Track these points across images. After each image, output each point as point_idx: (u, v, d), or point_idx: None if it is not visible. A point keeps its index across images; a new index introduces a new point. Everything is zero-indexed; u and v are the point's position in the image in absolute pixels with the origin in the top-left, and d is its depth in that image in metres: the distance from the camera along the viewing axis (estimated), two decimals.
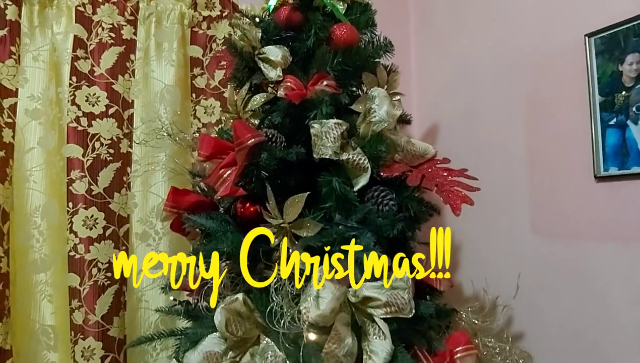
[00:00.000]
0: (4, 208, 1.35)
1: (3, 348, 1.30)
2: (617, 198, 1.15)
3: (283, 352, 0.81)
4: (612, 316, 1.13)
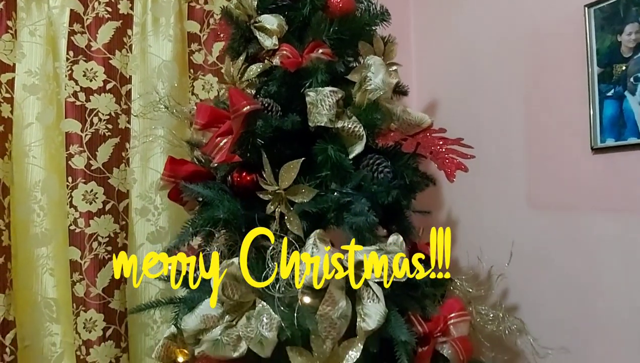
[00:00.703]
0: (4, 183, 1.37)
1: (6, 319, 1.33)
2: (613, 170, 1.16)
3: (278, 314, 0.83)
4: (605, 285, 1.14)
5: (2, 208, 1.35)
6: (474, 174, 1.50)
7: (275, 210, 0.92)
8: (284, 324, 0.83)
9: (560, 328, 1.21)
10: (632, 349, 1.07)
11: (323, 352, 0.83)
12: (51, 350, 1.46)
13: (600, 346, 1.14)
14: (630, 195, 1.12)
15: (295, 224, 0.90)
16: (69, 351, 1.46)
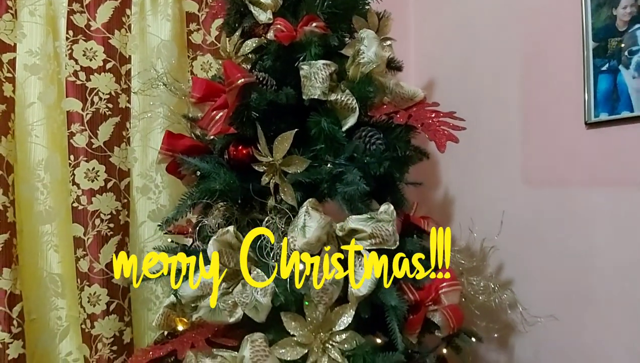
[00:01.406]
0: (7, 161, 1.39)
1: (13, 292, 1.37)
2: (606, 144, 1.16)
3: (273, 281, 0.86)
4: (597, 258, 1.16)
5: (7, 186, 1.38)
6: (470, 150, 1.53)
7: (270, 181, 0.94)
8: (278, 290, 0.86)
9: (553, 300, 1.23)
10: (623, 320, 1.09)
11: (316, 317, 0.86)
12: (57, 324, 1.51)
13: (591, 317, 1.17)
14: (623, 169, 1.13)
15: (289, 194, 0.92)
16: (75, 324, 1.51)
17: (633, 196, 1.10)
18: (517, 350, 1.41)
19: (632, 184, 1.10)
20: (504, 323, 1.21)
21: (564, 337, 1.25)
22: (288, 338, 0.87)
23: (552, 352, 1.29)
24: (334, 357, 0.86)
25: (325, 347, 0.87)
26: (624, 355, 1.09)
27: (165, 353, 0.91)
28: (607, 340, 1.14)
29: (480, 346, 1.49)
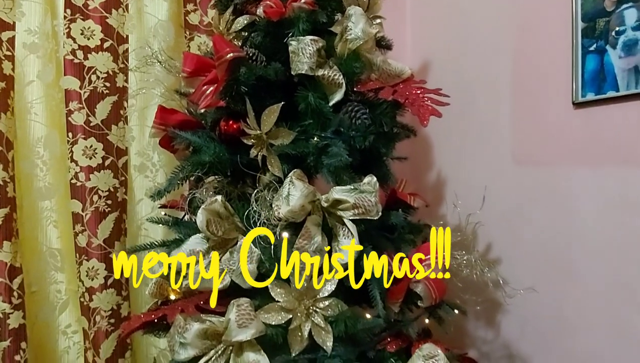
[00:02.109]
0: (7, 137, 1.43)
1: (13, 265, 1.41)
2: (593, 124, 1.18)
3: (258, 248, 0.89)
4: (581, 237, 1.19)
5: (7, 162, 1.42)
6: (463, 131, 1.55)
7: (258, 153, 0.97)
8: (264, 257, 0.89)
9: (537, 275, 1.27)
10: (603, 294, 1.12)
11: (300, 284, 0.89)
12: (57, 297, 1.55)
13: (573, 291, 1.20)
14: (607, 148, 1.15)
15: (276, 166, 0.95)
16: (74, 298, 1.55)
17: (616, 174, 1.12)
18: (503, 327, 1.45)
19: (616, 163, 1.12)
20: (487, 297, 1.25)
21: (547, 311, 1.28)
22: (273, 303, 0.90)
23: (536, 328, 1.33)
24: (317, 322, 0.90)
25: (309, 313, 0.90)
26: (604, 326, 1.12)
27: (156, 317, 0.95)
28: (588, 312, 1.17)
29: (468, 323, 1.53)
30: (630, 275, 1.07)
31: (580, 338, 1.19)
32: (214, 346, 0.89)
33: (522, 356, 1.38)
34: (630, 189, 1.10)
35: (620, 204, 1.12)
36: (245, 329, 0.85)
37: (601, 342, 1.13)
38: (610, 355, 1.11)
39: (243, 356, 0.86)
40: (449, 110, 1.59)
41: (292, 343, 0.89)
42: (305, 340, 0.89)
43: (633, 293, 1.08)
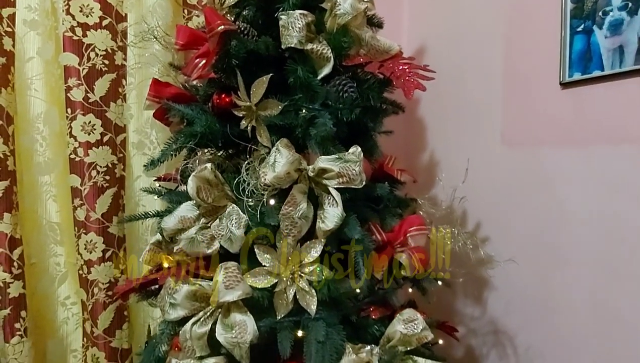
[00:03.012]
0: (7, 112, 1.46)
1: (13, 236, 1.45)
2: (579, 103, 1.21)
3: (246, 214, 0.92)
4: (564, 214, 1.21)
5: (7, 136, 1.45)
6: (456, 114, 1.58)
7: (248, 125, 1.00)
8: (251, 223, 0.92)
9: (523, 254, 1.29)
10: (586, 271, 1.15)
11: (286, 247, 0.93)
12: (56, 269, 1.59)
13: (557, 269, 1.23)
14: (593, 127, 1.17)
15: (265, 136, 0.98)
16: (72, 271, 1.60)
17: (600, 153, 1.15)
18: (490, 304, 1.48)
19: (600, 142, 1.15)
20: (470, 269, 1.28)
21: (532, 290, 1.32)
22: (260, 267, 0.94)
23: (522, 306, 1.36)
24: (302, 286, 0.93)
25: (294, 278, 0.94)
26: (586, 302, 1.15)
27: (147, 280, 0.98)
28: (572, 290, 1.20)
29: (456, 301, 1.57)
30: (613, 253, 1.10)
31: (564, 315, 1.23)
32: (203, 308, 0.92)
33: (508, 332, 1.41)
34: (614, 168, 1.13)
35: (605, 183, 1.14)
36: (232, 290, 0.88)
37: (584, 319, 1.16)
38: (592, 332, 1.14)
39: (230, 317, 0.90)
40: (442, 94, 1.63)
41: (278, 307, 0.93)
42: (290, 303, 0.93)
43: (615, 272, 1.10)
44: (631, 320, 1.04)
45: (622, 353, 1.05)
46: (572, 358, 1.17)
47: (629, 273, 1.05)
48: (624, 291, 1.06)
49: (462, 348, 1.56)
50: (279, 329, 0.91)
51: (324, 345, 0.88)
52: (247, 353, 0.88)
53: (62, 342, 1.60)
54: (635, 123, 1.06)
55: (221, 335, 0.88)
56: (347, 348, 0.90)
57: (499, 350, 1.44)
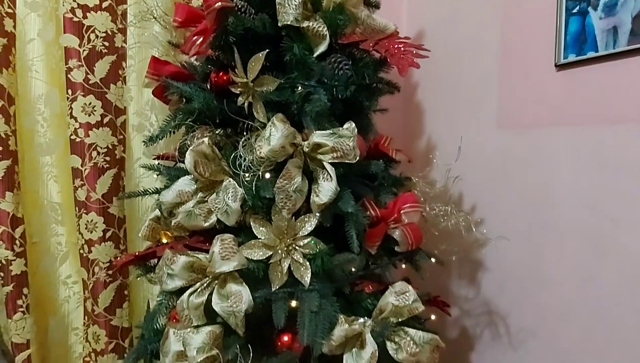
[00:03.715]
0: (9, 92, 1.48)
1: (15, 215, 1.47)
2: (573, 85, 1.22)
3: (242, 188, 0.94)
4: (556, 194, 1.23)
5: (8, 116, 1.47)
6: (454, 98, 1.59)
7: (245, 101, 1.01)
8: (247, 196, 0.94)
9: (516, 234, 1.31)
10: (576, 249, 1.17)
11: (281, 223, 0.95)
12: (57, 249, 1.62)
13: (548, 247, 1.25)
14: (586, 108, 1.19)
15: (261, 112, 1.00)
16: (74, 250, 1.63)
17: (593, 133, 1.16)
18: (483, 285, 1.50)
19: (592, 122, 1.16)
20: (463, 247, 1.30)
21: (525, 269, 1.34)
22: (255, 240, 0.96)
23: (514, 285, 1.38)
24: (296, 258, 0.95)
25: (289, 250, 0.96)
26: (575, 279, 1.17)
27: (146, 253, 1.01)
28: (563, 267, 1.22)
29: (450, 282, 1.59)
30: (602, 229, 1.12)
31: (555, 292, 1.25)
32: (200, 279, 0.95)
33: (501, 312, 1.44)
34: (606, 147, 1.14)
35: (597, 163, 1.16)
36: (228, 261, 0.90)
37: (573, 294, 1.19)
38: (582, 307, 1.16)
39: (226, 287, 0.92)
40: (439, 76, 1.64)
41: (273, 278, 0.95)
42: (284, 275, 0.95)
43: (603, 247, 1.12)
44: (617, 292, 1.06)
45: (610, 322, 1.08)
46: (563, 333, 1.20)
47: (616, 248, 1.08)
48: (611, 265, 1.08)
49: (456, 329, 1.59)
50: (274, 300, 0.94)
51: (317, 315, 0.90)
52: (242, 322, 0.90)
53: (63, 319, 1.63)
54: (628, 103, 1.08)
55: (217, 305, 0.90)
56: (340, 319, 0.92)
57: (492, 330, 1.47)
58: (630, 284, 1.05)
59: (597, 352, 1.12)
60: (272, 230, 0.96)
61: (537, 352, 1.29)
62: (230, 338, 0.94)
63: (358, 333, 0.94)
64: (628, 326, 1.05)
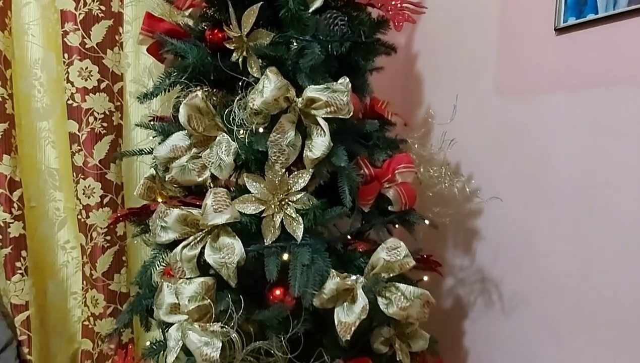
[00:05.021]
0: (5, 55, 1.47)
1: (13, 178, 1.48)
2: (572, 49, 1.20)
3: (236, 142, 0.94)
4: (552, 161, 1.22)
5: (5, 79, 1.47)
6: (451, 64, 1.58)
7: (239, 57, 1.01)
8: (240, 150, 0.94)
9: (511, 204, 1.31)
10: (571, 218, 1.17)
11: (274, 178, 0.95)
12: (55, 214, 1.63)
13: (544, 216, 1.25)
14: (586, 71, 1.18)
15: (256, 67, 0.99)
16: (72, 215, 1.64)
17: (590, 98, 1.15)
18: (478, 254, 1.51)
19: (590, 86, 1.15)
20: (457, 209, 1.30)
21: (519, 237, 1.34)
22: (248, 195, 0.96)
23: (508, 254, 1.39)
24: (289, 213, 0.96)
25: (282, 205, 0.96)
26: (568, 246, 1.18)
27: (140, 209, 1.01)
28: (557, 236, 1.22)
29: (446, 252, 1.60)
30: (597, 196, 1.11)
31: (549, 261, 1.25)
32: (193, 233, 0.95)
33: (494, 280, 1.45)
34: (602, 112, 1.13)
35: (593, 128, 1.15)
36: (221, 214, 0.91)
37: (566, 261, 1.19)
38: (574, 273, 1.17)
39: (219, 241, 0.93)
40: (439, 44, 1.62)
41: (265, 232, 0.95)
42: (277, 229, 0.95)
43: (598, 215, 1.12)
44: (609, 256, 1.07)
45: (601, 288, 1.08)
46: (555, 299, 1.21)
47: (610, 213, 1.08)
48: (604, 230, 1.08)
49: (450, 298, 1.60)
50: (266, 254, 0.94)
51: (308, 269, 0.91)
52: (235, 274, 0.91)
53: (62, 284, 1.65)
54: (627, 65, 1.07)
55: (209, 257, 0.91)
56: (331, 273, 0.93)
57: (486, 298, 1.48)
58: (623, 249, 1.05)
59: (588, 317, 1.13)
60: (266, 185, 0.96)
61: (529, 318, 1.30)
62: (223, 292, 0.95)
63: (349, 289, 0.95)
64: (618, 291, 1.06)
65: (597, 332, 1.11)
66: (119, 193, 1.66)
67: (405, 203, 1.07)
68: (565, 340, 1.19)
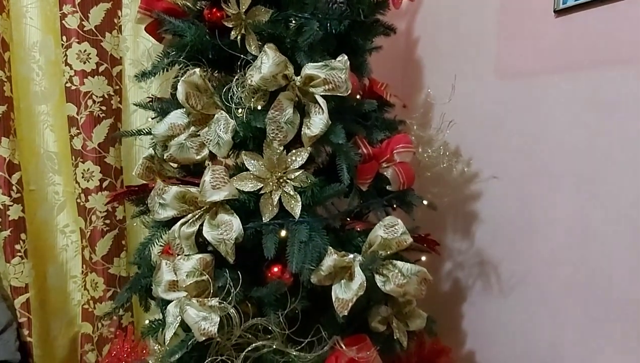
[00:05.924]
0: (3, 38, 1.47)
1: (12, 161, 1.48)
2: (571, 30, 1.20)
3: (234, 120, 0.94)
4: (550, 141, 1.22)
5: (3, 62, 1.47)
6: (451, 46, 1.57)
7: (238, 35, 1.00)
8: (238, 128, 0.94)
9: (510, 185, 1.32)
10: (568, 194, 1.18)
11: (272, 155, 0.95)
12: (54, 198, 1.64)
13: (541, 193, 1.25)
14: (585, 51, 1.17)
15: (254, 45, 0.99)
16: (71, 199, 1.64)
17: (589, 78, 1.15)
18: (477, 236, 1.51)
19: (589, 67, 1.15)
20: (454, 189, 1.30)
21: (518, 218, 1.34)
22: (247, 172, 0.96)
23: (506, 234, 1.39)
24: (287, 191, 0.96)
25: (280, 183, 0.96)
26: (565, 225, 1.18)
27: (138, 187, 1.01)
28: (555, 214, 1.22)
29: (445, 236, 1.60)
30: (595, 172, 1.12)
31: (547, 239, 1.26)
32: (192, 211, 0.95)
33: (493, 261, 1.45)
34: (602, 91, 1.13)
35: (593, 107, 1.15)
36: (219, 191, 0.91)
37: (565, 241, 1.19)
38: (570, 252, 1.17)
39: (217, 218, 0.93)
40: (439, 27, 1.61)
41: (263, 210, 0.96)
42: (275, 207, 0.96)
43: (596, 192, 1.12)
44: (604, 232, 1.07)
45: (596, 265, 1.09)
46: (551, 276, 1.21)
47: (607, 191, 1.08)
48: (601, 209, 1.09)
49: (448, 279, 1.61)
50: (264, 232, 0.95)
51: (306, 245, 0.91)
52: (233, 250, 0.91)
53: (62, 267, 1.66)
54: (626, 43, 1.07)
55: (208, 233, 0.91)
56: (329, 250, 0.93)
57: (484, 280, 1.49)
58: (622, 228, 1.05)
59: (584, 297, 1.14)
60: (264, 163, 0.96)
61: (527, 298, 1.31)
62: (222, 270, 0.96)
63: (347, 266, 0.95)
64: (616, 269, 1.06)
65: (594, 310, 1.11)
66: (118, 177, 1.66)
67: (403, 183, 1.07)
68: (563, 319, 1.20)
